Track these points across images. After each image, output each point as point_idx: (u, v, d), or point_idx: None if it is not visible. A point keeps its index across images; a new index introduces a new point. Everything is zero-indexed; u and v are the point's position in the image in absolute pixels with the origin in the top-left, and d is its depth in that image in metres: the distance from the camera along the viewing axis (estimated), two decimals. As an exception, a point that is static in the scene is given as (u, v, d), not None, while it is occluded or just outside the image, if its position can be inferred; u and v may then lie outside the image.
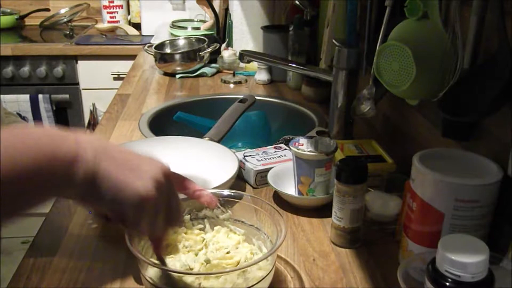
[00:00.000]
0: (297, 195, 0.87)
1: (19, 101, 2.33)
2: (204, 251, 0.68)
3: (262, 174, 0.94)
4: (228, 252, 0.67)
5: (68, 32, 2.66)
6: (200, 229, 0.73)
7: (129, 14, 2.77)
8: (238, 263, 0.65)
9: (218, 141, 1.05)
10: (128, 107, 1.42)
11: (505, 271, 0.55)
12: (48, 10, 2.80)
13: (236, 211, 0.73)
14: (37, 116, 2.35)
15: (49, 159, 0.47)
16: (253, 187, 0.95)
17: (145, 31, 2.55)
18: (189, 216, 0.72)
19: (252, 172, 0.94)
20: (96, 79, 2.40)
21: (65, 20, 2.74)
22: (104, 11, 2.70)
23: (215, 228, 0.72)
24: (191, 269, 0.63)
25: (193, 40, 1.89)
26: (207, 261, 0.64)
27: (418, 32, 0.73)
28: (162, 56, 1.75)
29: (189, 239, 0.70)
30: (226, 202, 0.73)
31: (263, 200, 0.71)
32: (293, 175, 0.88)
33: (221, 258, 0.66)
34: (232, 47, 1.88)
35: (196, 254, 0.67)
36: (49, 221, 0.83)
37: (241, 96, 1.24)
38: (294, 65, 1.24)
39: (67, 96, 2.39)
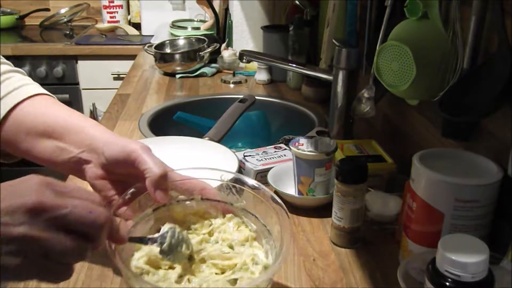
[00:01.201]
0: (297, 195, 0.87)
1: (19, 101, 2.33)
2: (198, 239, 0.62)
3: (262, 174, 0.94)
4: (231, 247, 0.61)
5: (68, 32, 2.66)
6: (211, 211, 0.66)
7: (129, 14, 2.77)
8: (234, 267, 0.59)
9: (218, 141, 1.05)
10: (128, 107, 1.42)
11: (505, 271, 0.55)
12: (48, 10, 2.80)
13: (250, 203, 0.65)
14: (37, 116, 2.35)
15: None
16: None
17: (145, 31, 2.55)
18: (200, 196, 0.65)
19: (252, 172, 0.94)
20: (96, 79, 2.40)
21: (65, 20, 2.74)
22: (104, 11, 2.70)
23: (227, 215, 0.66)
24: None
25: (193, 40, 1.89)
26: (192, 259, 0.59)
27: (418, 32, 0.73)
28: (162, 56, 1.75)
29: (196, 221, 0.65)
30: (240, 191, 0.66)
31: (276, 199, 0.62)
32: (293, 175, 0.88)
33: (214, 256, 0.60)
34: (232, 47, 1.88)
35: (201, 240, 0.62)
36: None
37: (241, 96, 1.24)
38: (294, 65, 1.24)
39: (67, 96, 2.39)
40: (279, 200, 0.62)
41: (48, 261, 0.45)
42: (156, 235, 0.58)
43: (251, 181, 0.66)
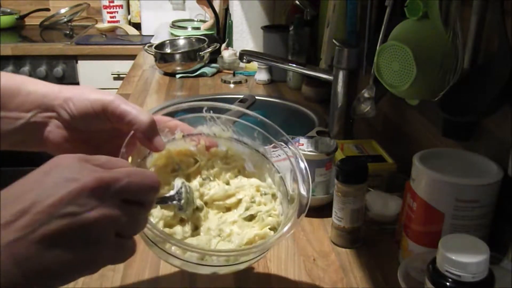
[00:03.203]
0: (297, 195, 0.87)
1: (19, 101, 2.33)
2: (196, 183, 0.58)
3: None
4: (227, 183, 0.59)
5: (68, 32, 2.66)
6: (193, 146, 0.61)
7: (129, 14, 2.77)
8: (239, 202, 0.58)
9: (218, 141, 1.05)
10: (128, 107, 1.42)
11: (505, 271, 0.56)
12: (48, 10, 2.80)
13: (239, 129, 0.62)
14: (37, 116, 2.35)
15: None
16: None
17: (145, 31, 2.55)
18: (181, 133, 0.59)
19: (252, 172, 0.94)
20: (96, 79, 2.40)
21: (65, 20, 2.74)
22: (104, 11, 2.70)
23: (212, 150, 0.61)
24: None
25: (193, 40, 1.89)
26: (200, 208, 0.57)
27: (419, 32, 0.73)
28: (162, 56, 1.75)
29: (180, 161, 0.59)
30: (227, 121, 0.62)
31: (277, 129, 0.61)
32: (293, 175, 0.87)
33: (218, 197, 0.58)
34: (232, 47, 1.88)
35: (188, 179, 0.58)
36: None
37: (241, 96, 1.24)
38: (294, 65, 1.24)
39: (67, 96, 2.39)
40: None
41: (120, 239, 0.41)
42: (172, 192, 0.55)
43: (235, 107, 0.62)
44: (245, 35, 1.90)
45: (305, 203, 0.55)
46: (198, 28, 2.11)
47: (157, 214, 0.54)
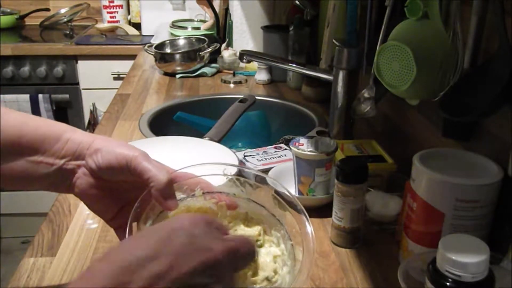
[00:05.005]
0: (297, 195, 0.87)
1: (19, 101, 2.32)
2: None
3: (262, 174, 0.94)
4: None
5: (68, 32, 2.66)
6: (213, 204, 0.62)
7: (129, 14, 2.77)
8: (256, 268, 0.58)
9: (218, 141, 1.05)
10: (128, 107, 1.42)
11: (505, 271, 0.55)
12: (48, 10, 2.80)
13: (255, 192, 0.63)
14: (37, 116, 2.35)
15: None
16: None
17: (145, 31, 2.55)
18: (201, 190, 0.61)
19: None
20: (96, 79, 2.40)
21: (65, 20, 2.74)
22: (104, 11, 2.70)
23: (232, 212, 0.62)
24: None
25: (193, 40, 1.89)
26: None
27: (419, 32, 0.73)
28: (162, 56, 1.75)
29: None
30: (245, 183, 0.63)
31: (289, 194, 0.62)
32: (293, 175, 0.88)
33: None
34: (232, 47, 1.88)
35: None
36: (49, 221, 0.83)
37: (241, 96, 1.24)
38: (294, 65, 1.24)
39: (67, 96, 2.39)
40: (288, 193, 0.62)
41: None
42: None
43: (254, 172, 0.64)
44: (245, 35, 1.90)
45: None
46: (198, 28, 2.11)
47: None
